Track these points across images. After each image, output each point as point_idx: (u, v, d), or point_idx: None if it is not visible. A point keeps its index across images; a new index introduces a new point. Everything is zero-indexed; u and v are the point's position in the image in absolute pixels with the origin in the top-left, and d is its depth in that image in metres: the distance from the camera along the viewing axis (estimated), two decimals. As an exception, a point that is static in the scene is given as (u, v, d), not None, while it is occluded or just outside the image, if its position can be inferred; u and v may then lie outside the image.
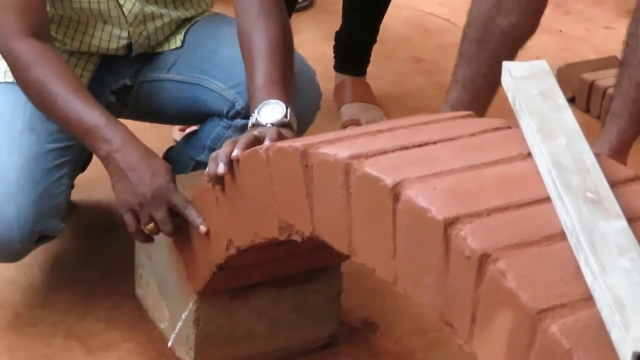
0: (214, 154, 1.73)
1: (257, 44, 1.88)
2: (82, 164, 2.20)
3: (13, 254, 1.98)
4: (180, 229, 1.85)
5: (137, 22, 2.08)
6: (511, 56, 2.32)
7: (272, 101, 1.79)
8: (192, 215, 1.81)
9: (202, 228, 1.79)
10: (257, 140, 1.69)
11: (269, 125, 1.76)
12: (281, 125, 1.76)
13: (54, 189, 1.98)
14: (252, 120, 1.79)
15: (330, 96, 2.88)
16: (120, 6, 2.05)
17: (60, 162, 2.01)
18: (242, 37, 1.92)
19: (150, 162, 1.83)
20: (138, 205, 1.83)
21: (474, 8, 2.37)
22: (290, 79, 1.89)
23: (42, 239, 2.01)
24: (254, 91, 1.84)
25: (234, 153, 1.68)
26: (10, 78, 2.02)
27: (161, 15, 2.12)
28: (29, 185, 1.94)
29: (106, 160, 1.86)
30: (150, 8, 2.09)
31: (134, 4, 2.06)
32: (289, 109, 1.78)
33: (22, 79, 1.93)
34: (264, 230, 1.68)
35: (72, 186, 2.08)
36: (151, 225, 1.84)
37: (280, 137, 1.70)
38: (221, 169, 1.68)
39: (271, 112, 1.78)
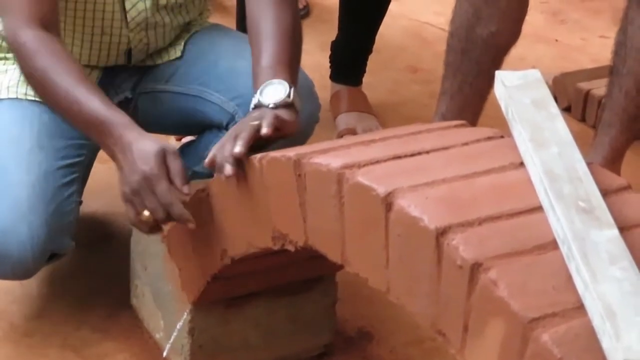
0: (215, 146, 1.69)
1: (265, 27, 1.85)
2: (87, 179, 2.19)
3: (25, 273, 1.98)
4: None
5: (138, 29, 2.08)
6: (496, 64, 2.32)
7: (275, 81, 1.75)
8: (175, 207, 1.74)
9: (191, 225, 1.75)
10: (258, 131, 1.65)
11: (271, 105, 1.71)
12: (283, 105, 1.72)
13: (64, 207, 1.97)
14: (254, 101, 1.75)
15: (326, 106, 2.88)
16: (125, 12, 2.04)
17: (69, 179, 1.99)
18: (251, 23, 1.89)
19: (139, 147, 1.76)
20: (130, 194, 1.76)
21: (455, 18, 2.38)
22: (296, 63, 1.85)
23: (52, 256, 2.01)
24: (259, 72, 1.79)
25: (237, 150, 1.63)
26: (14, 94, 2.01)
27: (163, 24, 2.12)
28: (40, 204, 1.92)
29: (110, 155, 1.83)
30: (155, 18, 2.09)
31: (140, 13, 2.05)
32: (292, 89, 1.74)
33: (26, 68, 1.91)
34: (258, 240, 1.68)
35: (80, 202, 2.07)
36: (145, 214, 1.75)
37: (277, 120, 1.66)
38: (228, 170, 1.64)
39: (274, 92, 1.73)
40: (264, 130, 1.65)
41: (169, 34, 2.15)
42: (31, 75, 1.91)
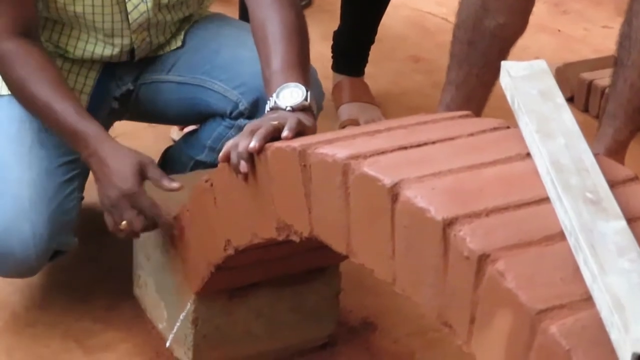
0: (231, 142, 1.66)
1: (272, 29, 1.82)
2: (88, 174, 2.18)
3: (28, 271, 1.98)
4: (155, 225, 1.90)
5: (140, 30, 2.07)
6: (502, 56, 2.32)
7: (292, 84, 1.72)
8: (161, 218, 1.87)
9: (175, 232, 1.89)
10: (277, 131, 1.62)
11: (288, 108, 1.69)
12: (301, 108, 1.69)
13: (66, 204, 1.97)
14: (270, 104, 1.72)
15: (328, 96, 2.87)
16: (127, 14, 2.03)
17: (70, 176, 2.00)
18: (255, 25, 1.86)
19: (117, 164, 1.85)
20: (110, 206, 1.87)
21: (462, 9, 2.38)
22: (307, 64, 1.83)
23: (55, 254, 2.01)
24: (271, 75, 1.76)
25: (252, 145, 1.60)
26: None
27: (165, 22, 2.11)
28: (42, 202, 1.93)
29: (86, 163, 1.91)
30: (157, 17, 2.08)
31: (142, 14, 2.04)
32: (309, 92, 1.71)
33: (6, 78, 1.95)
34: (262, 231, 1.67)
35: (81, 198, 2.07)
36: (124, 223, 1.87)
37: (300, 125, 1.63)
38: (243, 167, 1.62)
39: (290, 95, 1.71)
40: (286, 133, 1.60)
41: (169, 29, 2.14)
42: (10, 86, 1.95)
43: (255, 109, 2.04)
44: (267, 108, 1.73)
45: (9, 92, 2.00)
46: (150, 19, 2.06)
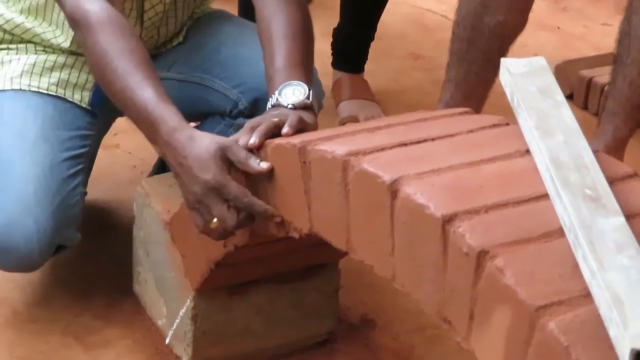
0: (231, 138, 1.65)
1: (276, 28, 1.81)
2: (92, 169, 2.17)
3: (31, 265, 1.97)
4: (252, 218, 1.65)
5: (152, 27, 2.07)
6: (501, 53, 2.32)
7: (294, 82, 1.72)
8: (256, 206, 1.62)
9: (277, 219, 1.63)
10: (278, 128, 1.61)
11: (290, 106, 1.69)
12: (303, 107, 1.69)
13: (70, 199, 1.96)
14: (272, 101, 1.71)
15: (328, 93, 2.88)
16: (142, 12, 2.03)
17: (74, 171, 1.99)
18: (261, 22, 1.85)
19: (194, 153, 1.63)
20: (196, 203, 1.65)
21: (461, 6, 2.38)
22: (311, 63, 1.83)
23: (58, 248, 2.01)
24: (274, 73, 1.76)
25: (252, 141, 1.60)
26: (17, 85, 2.00)
27: (175, 21, 2.11)
28: (46, 197, 1.92)
29: (159, 153, 1.76)
30: (168, 14, 2.07)
31: (157, 14, 2.04)
32: (311, 91, 1.72)
33: (86, 43, 1.79)
34: (262, 227, 1.67)
35: (85, 194, 2.07)
36: (214, 221, 1.63)
37: (301, 123, 1.63)
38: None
39: (293, 93, 1.70)
40: (286, 130, 1.60)
41: (174, 26, 2.14)
42: (90, 52, 1.78)
43: (255, 108, 2.04)
44: (269, 105, 1.73)
45: (12, 87, 2.01)
46: (162, 20, 2.06)
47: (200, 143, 1.63)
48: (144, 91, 1.70)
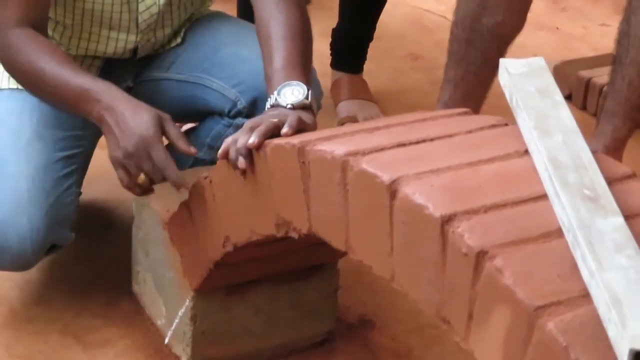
0: (230, 138, 1.67)
1: (275, 28, 1.83)
2: (87, 170, 2.18)
3: (25, 264, 1.97)
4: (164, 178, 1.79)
5: (148, 30, 2.07)
6: (500, 54, 2.32)
7: (293, 82, 1.73)
8: (171, 175, 1.76)
9: (183, 189, 1.79)
10: (277, 128, 1.63)
11: (289, 106, 1.70)
12: (302, 107, 1.71)
13: (64, 198, 1.97)
14: (271, 101, 1.73)
15: (327, 93, 2.88)
16: (137, 14, 2.03)
17: (68, 170, 1.99)
18: (260, 23, 1.87)
19: (135, 114, 1.78)
20: (124, 158, 1.78)
21: (459, 7, 2.38)
22: (309, 64, 1.85)
23: (51, 248, 2.01)
24: (273, 73, 1.78)
25: (251, 141, 1.62)
26: (14, 84, 2.01)
27: (171, 23, 2.11)
28: (40, 196, 1.92)
29: (98, 121, 1.83)
30: (164, 16, 2.07)
31: (152, 16, 2.04)
32: (309, 91, 1.73)
33: (11, 63, 1.92)
34: (261, 227, 1.68)
35: (79, 194, 2.07)
36: (142, 177, 1.78)
37: (300, 123, 1.65)
38: (241, 164, 1.63)
39: (292, 93, 1.72)
40: (286, 130, 1.62)
41: (171, 28, 2.14)
42: (16, 70, 1.92)
43: (253, 108, 2.04)
44: (268, 105, 1.74)
45: (9, 86, 2.01)
46: (157, 21, 2.06)
47: (141, 106, 1.80)
48: (78, 77, 1.85)
